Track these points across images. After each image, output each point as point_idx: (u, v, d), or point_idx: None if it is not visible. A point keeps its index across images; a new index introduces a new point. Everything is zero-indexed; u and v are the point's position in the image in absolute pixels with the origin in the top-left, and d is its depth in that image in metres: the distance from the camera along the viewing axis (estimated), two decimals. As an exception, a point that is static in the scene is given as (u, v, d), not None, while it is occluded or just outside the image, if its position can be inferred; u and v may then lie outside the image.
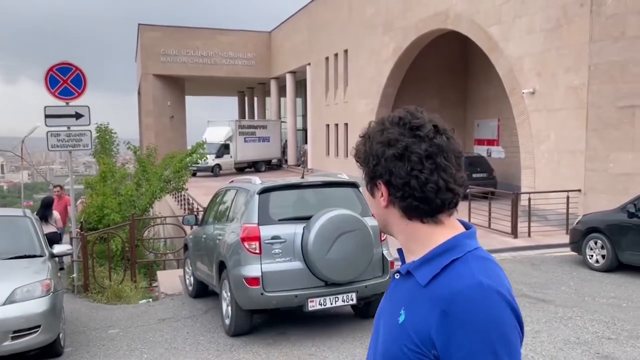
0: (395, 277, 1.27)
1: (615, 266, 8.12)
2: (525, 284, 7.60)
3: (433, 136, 1.19)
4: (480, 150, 20.75)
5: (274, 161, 34.16)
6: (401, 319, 1.15)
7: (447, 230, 1.20)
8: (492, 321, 1.06)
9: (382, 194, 1.21)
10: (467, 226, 1.25)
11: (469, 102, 22.38)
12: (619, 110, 11.08)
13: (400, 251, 1.30)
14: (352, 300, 5.55)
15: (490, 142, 20.81)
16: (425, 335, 1.09)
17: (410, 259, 1.23)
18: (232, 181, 7.31)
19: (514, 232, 11.04)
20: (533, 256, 9.61)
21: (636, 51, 11.07)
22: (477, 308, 1.06)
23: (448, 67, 21.90)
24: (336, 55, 25.51)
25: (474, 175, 17.03)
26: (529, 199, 11.43)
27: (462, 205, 14.32)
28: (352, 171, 6.95)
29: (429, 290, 1.13)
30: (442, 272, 1.13)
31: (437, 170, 1.16)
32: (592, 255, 8.41)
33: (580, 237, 8.67)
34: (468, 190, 13.29)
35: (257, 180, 6.05)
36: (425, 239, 1.20)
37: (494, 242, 10.72)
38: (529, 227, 11.11)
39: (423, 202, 1.17)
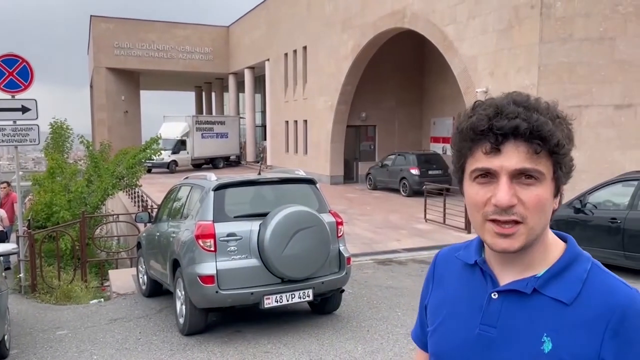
0: (493, 297, 1.07)
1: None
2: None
3: None
4: (436, 148, 21.14)
5: (233, 158, 33.83)
6: (547, 347, 0.99)
7: (553, 236, 1.09)
8: None
9: (561, 192, 1.06)
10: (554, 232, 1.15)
11: (425, 100, 22.76)
12: (567, 110, 11.41)
13: (485, 263, 1.11)
14: (309, 296, 5.55)
15: (446, 140, 21.23)
16: (589, 359, 0.97)
17: (522, 274, 1.06)
18: (187, 177, 7.17)
19: (468, 228, 11.29)
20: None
21: (583, 53, 11.50)
22: None
23: (405, 65, 22.21)
24: (295, 51, 25.45)
25: (430, 172, 17.38)
26: (482, 196, 11.71)
27: (418, 202, 14.64)
28: (311, 168, 6.96)
29: (578, 309, 1.00)
30: (585, 286, 1.02)
31: None
32: (541, 250, 8.68)
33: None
34: (424, 187, 13.53)
35: (212, 177, 5.96)
36: (548, 248, 1.07)
37: (448, 237, 10.95)
38: (482, 222, 11.39)
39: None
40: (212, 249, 5.31)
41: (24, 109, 8.61)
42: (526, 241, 1.00)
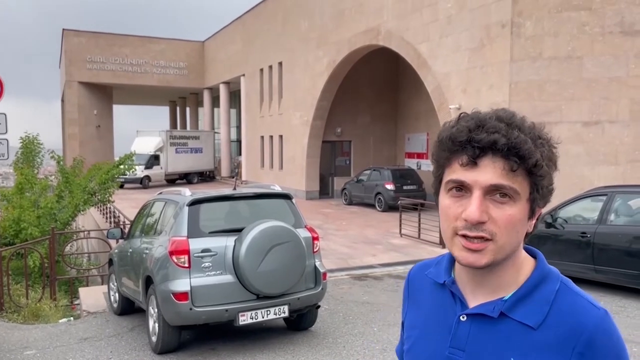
0: (462, 319, 1.05)
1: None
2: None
3: None
4: (411, 163, 21.37)
5: (207, 173, 33.56)
6: None
7: (524, 254, 1.08)
8: (623, 348, 1.00)
9: (536, 213, 1.04)
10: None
11: (400, 116, 23.03)
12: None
13: (454, 284, 1.09)
14: (285, 312, 5.50)
15: (420, 156, 21.48)
16: None
17: (486, 296, 1.05)
18: (160, 193, 7.08)
19: (442, 243, 11.36)
20: (460, 265, 9.95)
21: (552, 71, 11.83)
22: (613, 340, 0.99)
23: (380, 82, 22.48)
24: (271, 67, 25.54)
25: (405, 187, 17.53)
26: (456, 211, 11.85)
27: (393, 217, 14.72)
28: (286, 183, 6.95)
29: (544, 331, 0.99)
30: (552, 308, 1.00)
31: None
32: (514, 264, 8.80)
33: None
34: (399, 202, 13.62)
35: (186, 192, 5.90)
36: (517, 268, 1.05)
37: (423, 252, 11.01)
38: (456, 237, 11.50)
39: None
40: (186, 265, 5.23)
41: (-7, 123, 8.42)
42: (494, 259, 0.99)
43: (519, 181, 0.96)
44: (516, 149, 0.95)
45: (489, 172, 0.96)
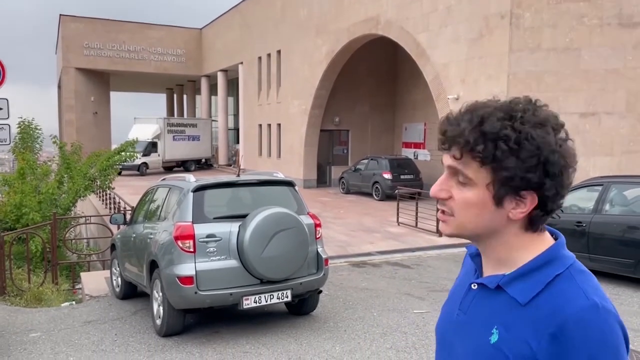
0: (472, 287, 1.16)
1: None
2: (450, 280, 7.97)
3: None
4: (408, 153, 21.47)
5: (205, 160, 33.58)
6: (494, 338, 1.06)
7: (546, 237, 1.11)
8: (608, 348, 0.97)
9: (521, 205, 1.04)
10: (551, 231, 1.15)
11: (397, 106, 23.09)
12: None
13: (475, 257, 1.20)
14: (287, 297, 5.61)
15: (417, 145, 21.58)
16: (526, 358, 1.01)
17: (498, 270, 1.12)
18: (164, 179, 7.16)
19: (439, 231, 11.53)
20: (457, 253, 10.08)
21: (550, 62, 11.92)
22: (593, 334, 0.97)
23: (379, 71, 22.50)
24: (269, 55, 25.49)
25: (402, 177, 17.65)
26: (453, 200, 11.98)
27: (390, 206, 14.85)
28: (284, 171, 7.01)
29: (530, 309, 1.03)
30: (545, 290, 1.03)
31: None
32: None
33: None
34: (396, 191, 13.74)
35: (191, 178, 5.98)
36: (526, 248, 1.09)
37: (420, 240, 11.16)
38: (453, 226, 11.64)
39: (550, 214, 1.08)
40: (192, 250, 5.33)
41: (-5, 108, 8.45)
42: (457, 232, 1.10)
43: (473, 168, 1.04)
44: (456, 141, 1.05)
45: (447, 157, 1.09)
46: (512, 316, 1.05)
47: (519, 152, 1.00)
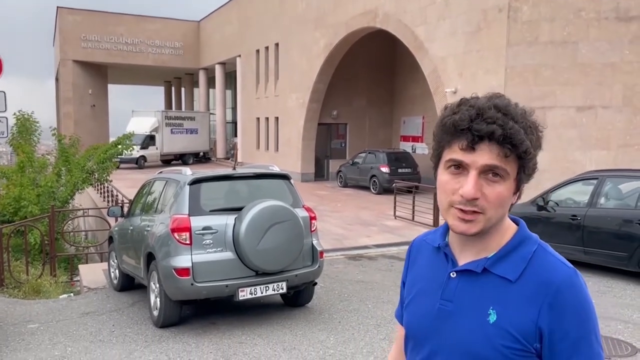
0: (452, 275, 1.21)
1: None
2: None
3: None
4: (406, 147, 21.51)
5: (203, 154, 33.59)
6: (492, 318, 1.13)
7: (509, 222, 1.22)
8: (591, 306, 1.13)
9: (520, 191, 1.18)
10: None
11: (395, 99, 23.10)
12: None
13: (445, 247, 1.25)
14: (283, 289, 5.67)
15: (415, 139, 21.61)
16: (529, 329, 1.11)
17: (473, 256, 1.20)
18: (161, 172, 7.19)
19: (436, 224, 11.58)
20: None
21: (548, 56, 11.93)
22: (579, 295, 1.11)
23: (377, 64, 22.49)
24: (267, 48, 25.46)
25: (400, 171, 17.69)
26: (450, 193, 12.03)
27: (388, 199, 14.90)
28: (282, 165, 7.08)
29: (521, 284, 1.13)
30: (529, 265, 1.15)
31: None
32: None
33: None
34: (394, 185, 13.79)
35: (187, 171, 6.02)
36: (501, 233, 1.19)
37: (417, 233, 11.03)
38: (450, 219, 11.70)
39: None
40: (188, 242, 5.38)
41: (-8, 101, 8.46)
42: (483, 228, 1.14)
43: (510, 163, 1.10)
44: (510, 138, 1.08)
45: (485, 155, 1.10)
46: (506, 294, 1.13)
47: (538, 141, 1.14)
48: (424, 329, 1.24)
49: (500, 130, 1.08)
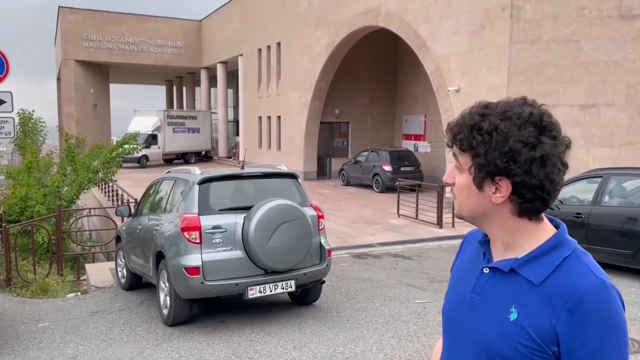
0: (485, 271, 1.26)
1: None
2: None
3: (563, 137, 1.19)
4: (408, 145, 21.54)
5: (204, 153, 33.63)
6: (513, 316, 1.17)
7: (546, 226, 1.23)
8: (616, 320, 1.11)
9: (499, 190, 1.17)
10: (551, 219, 1.26)
11: (398, 98, 23.12)
12: (535, 109, 11.94)
13: (484, 243, 1.30)
14: (292, 287, 5.72)
15: (417, 137, 21.65)
16: (546, 332, 1.13)
17: (505, 255, 1.24)
18: (168, 172, 7.24)
19: (440, 223, 11.63)
20: (457, 245, 10.17)
21: (550, 54, 11.96)
22: (604, 307, 1.10)
23: (379, 63, 22.51)
24: (269, 47, 25.48)
25: (402, 169, 17.72)
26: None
27: (391, 197, 14.94)
28: (284, 164, 7.10)
29: (544, 288, 1.15)
30: (556, 271, 1.16)
31: (564, 171, 1.17)
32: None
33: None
34: (397, 183, 13.83)
35: (196, 171, 6.07)
36: (532, 235, 1.21)
37: (421, 232, 11.26)
38: (453, 218, 11.70)
39: (545, 203, 1.17)
40: (198, 241, 5.42)
41: (-1, 102, 8.49)
42: (458, 213, 1.27)
43: (462, 156, 1.21)
44: (450, 132, 1.23)
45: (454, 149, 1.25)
46: (528, 296, 1.17)
47: (490, 141, 1.15)
48: (454, 317, 1.31)
49: (456, 129, 1.21)
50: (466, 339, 1.26)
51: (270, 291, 5.62)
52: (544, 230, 1.22)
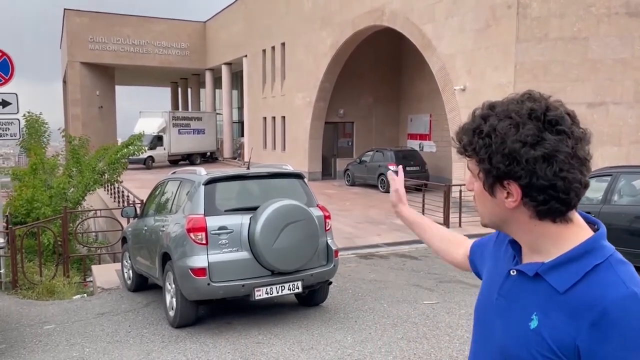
0: (512, 273, 1.19)
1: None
2: (459, 272, 8.01)
3: (574, 129, 1.07)
4: (413, 145, 21.46)
5: (209, 154, 33.67)
6: (533, 324, 1.10)
7: (578, 228, 1.12)
8: None
9: (511, 194, 1.09)
10: (590, 220, 1.16)
11: (402, 97, 23.04)
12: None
13: (513, 243, 1.23)
14: (298, 288, 5.67)
15: (423, 137, 21.56)
16: (567, 344, 1.04)
17: (533, 258, 1.16)
18: (174, 172, 7.21)
19: (446, 223, 11.55)
20: (464, 245, 10.12)
21: (557, 52, 11.87)
22: (633, 321, 0.99)
23: (383, 63, 22.44)
24: (273, 48, 25.46)
25: (408, 169, 17.60)
26: (460, 191, 11.99)
27: (397, 197, 14.89)
28: (289, 164, 7.06)
29: (569, 297, 1.06)
30: (583, 279, 1.06)
31: (581, 166, 1.06)
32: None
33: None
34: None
35: (202, 171, 6.03)
36: (558, 238, 1.12)
37: (428, 232, 11.15)
38: (460, 217, 11.66)
39: (564, 203, 1.07)
40: (204, 242, 5.38)
41: (4, 103, 8.51)
42: (482, 222, 1.23)
43: (472, 163, 1.15)
44: (459, 142, 1.16)
45: None
46: (551, 303, 1.08)
47: (490, 144, 1.08)
48: (481, 316, 1.28)
49: (461, 134, 1.17)
50: (488, 341, 1.22)
51: (277, 292, 5.57)
52: (574, 234, 1.11)
